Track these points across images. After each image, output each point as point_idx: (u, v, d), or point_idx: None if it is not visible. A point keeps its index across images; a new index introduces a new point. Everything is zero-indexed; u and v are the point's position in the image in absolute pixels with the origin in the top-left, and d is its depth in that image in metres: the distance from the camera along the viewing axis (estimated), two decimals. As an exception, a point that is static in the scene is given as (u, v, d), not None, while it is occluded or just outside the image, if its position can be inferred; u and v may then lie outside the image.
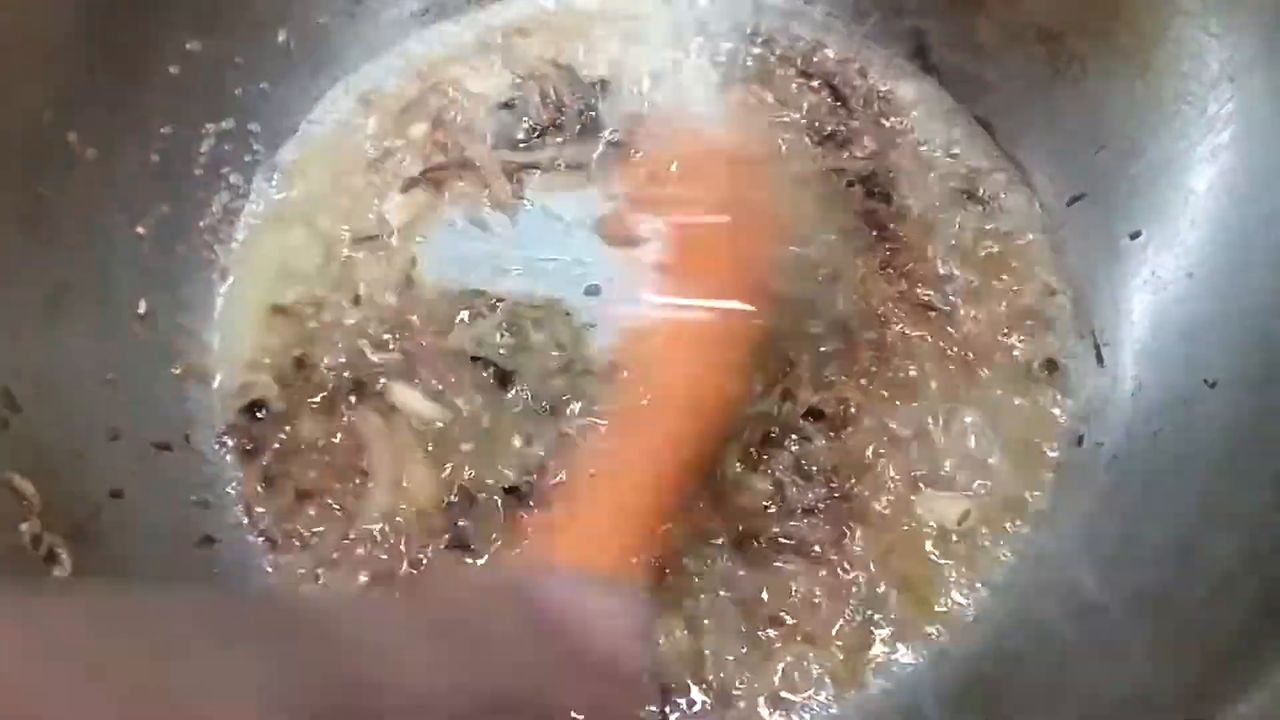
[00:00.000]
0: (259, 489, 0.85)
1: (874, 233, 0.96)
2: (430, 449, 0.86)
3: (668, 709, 0.79)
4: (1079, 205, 0.95)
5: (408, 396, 0.87)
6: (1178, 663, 0.66)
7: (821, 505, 0.84)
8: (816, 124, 1.01)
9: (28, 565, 0.68)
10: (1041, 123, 0.97)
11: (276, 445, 0.87)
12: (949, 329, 0.92)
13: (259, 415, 0.88)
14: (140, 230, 0.89)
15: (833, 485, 0.85)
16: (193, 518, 0.83)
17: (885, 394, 0.89)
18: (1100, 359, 0.91)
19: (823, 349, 0.90)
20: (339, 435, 0.87)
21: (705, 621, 0.81)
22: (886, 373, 0.90)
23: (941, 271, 0.94)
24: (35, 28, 0.79)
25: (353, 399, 0.88)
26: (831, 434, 0.87)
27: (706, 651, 0.80)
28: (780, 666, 0.80)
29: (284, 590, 0.82)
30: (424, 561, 0.83)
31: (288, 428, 0.87)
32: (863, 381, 0.89)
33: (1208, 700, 0.58)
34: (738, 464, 0.84)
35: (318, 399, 0.88)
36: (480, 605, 0.61)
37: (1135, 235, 0.90)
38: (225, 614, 0.46)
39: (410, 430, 0.87)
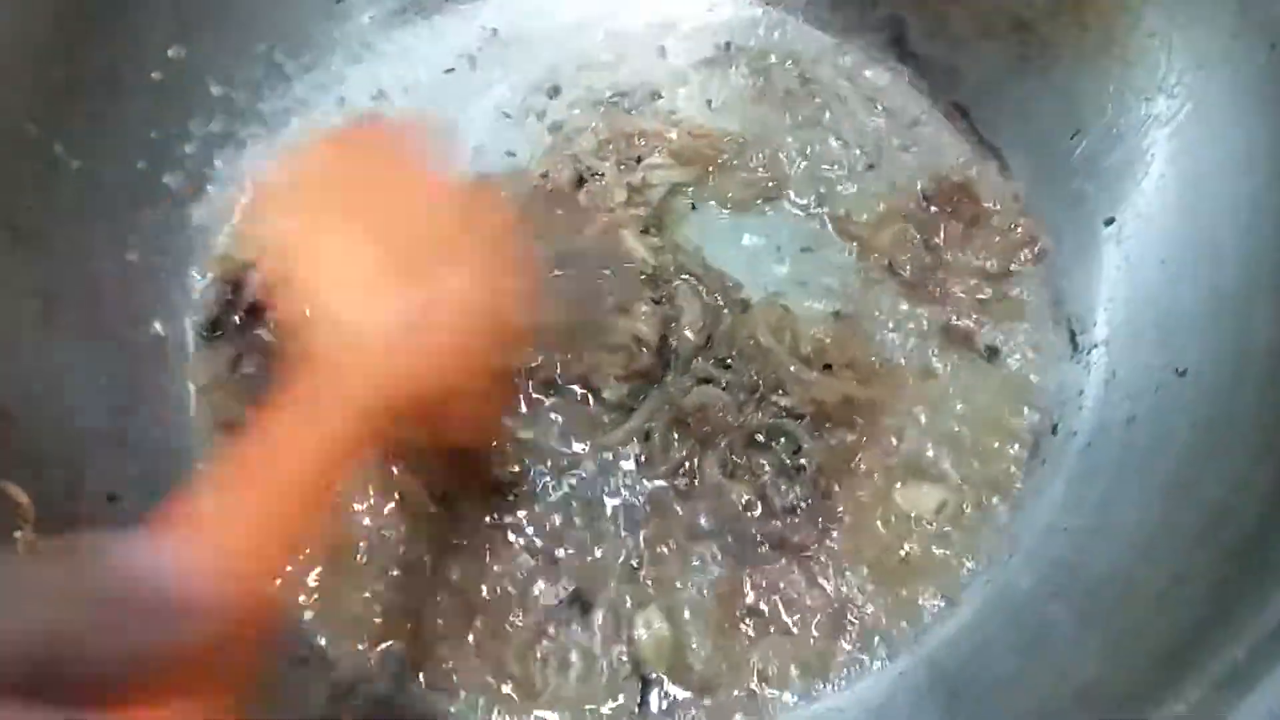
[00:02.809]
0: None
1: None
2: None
3: (646, 699, 0.81)
4: (1054, 191, 0.95)
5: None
6: (1131, 655, 0.68)
7: (803, 505, 0.85)
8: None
9: (22, 573, 0.70)
10: (1017, 110, 0.98)
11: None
12: (924, 318, 0.93)
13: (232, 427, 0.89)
14: (128, 237, 0.90)
15: (818, 484, 0.86)
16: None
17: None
18: (1075, 346, 0.92)
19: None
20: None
21: (684, 614, 0.83)
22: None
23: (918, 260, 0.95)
24: (14, 40, 0.81)
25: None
26: (815, 433, 0.88)
27: (685, 643, 0.82)
28: (757, 659, 0.82)
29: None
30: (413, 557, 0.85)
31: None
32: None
33: (1153, 694, 0.60)
34: (718, 470, 0.85)
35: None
36: None
37: (1109, 221, 0.91)
38: None
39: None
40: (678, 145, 1.00)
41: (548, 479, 0.87)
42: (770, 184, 0.99)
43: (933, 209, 0.98)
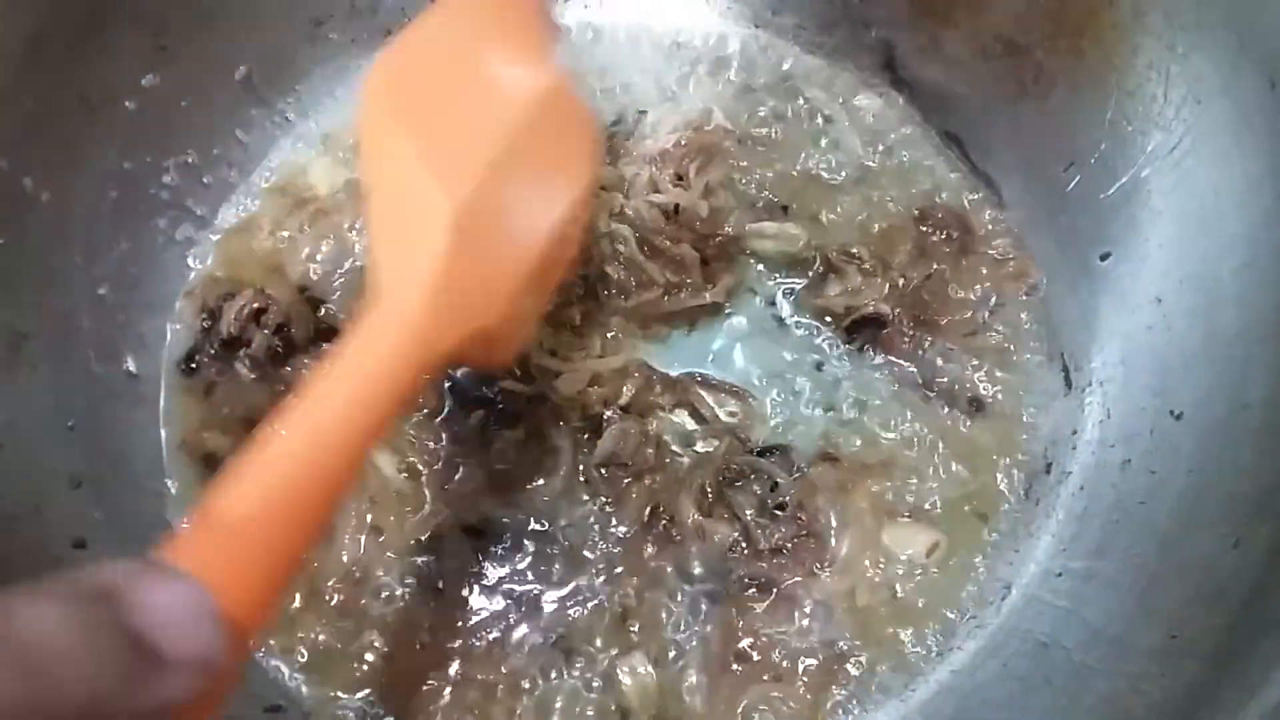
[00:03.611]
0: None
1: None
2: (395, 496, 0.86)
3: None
4: (1048, 223, 0.93)
5: (377, 454, 0.86)
6: (1127, 713, 0.66)
7: (789, 545, 0.83)
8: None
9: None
10: (1011, 139, 0.96)
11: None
12: (915, 351, 0.91)
13: (209, 466, 0.88)
14: (99, 271, 0.88)
15: (800, 521, 0.84)
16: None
17: (846, 423, 0.89)
18: (1069, 383, 0.90)
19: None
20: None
21: (671, 658, 0.81)
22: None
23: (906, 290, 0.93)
24: (-16, 71, 0.78)
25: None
26: (794, 471, 0.86)
27: (671, 689, 0.80)
28: (747, 705, 0.80)
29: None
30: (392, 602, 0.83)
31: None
32: (824, 415, 0.89)
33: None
34: (694, 512, 0.83)
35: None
36: None
37: (1105, 256, 0.89)
38: None
39: (380, 476, 0.86)
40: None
41: (522, 523, 0.85)
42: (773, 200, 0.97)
43: (925, 236, 0.96)
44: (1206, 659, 0.65)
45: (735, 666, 0.81)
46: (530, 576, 0.83)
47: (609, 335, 0.91)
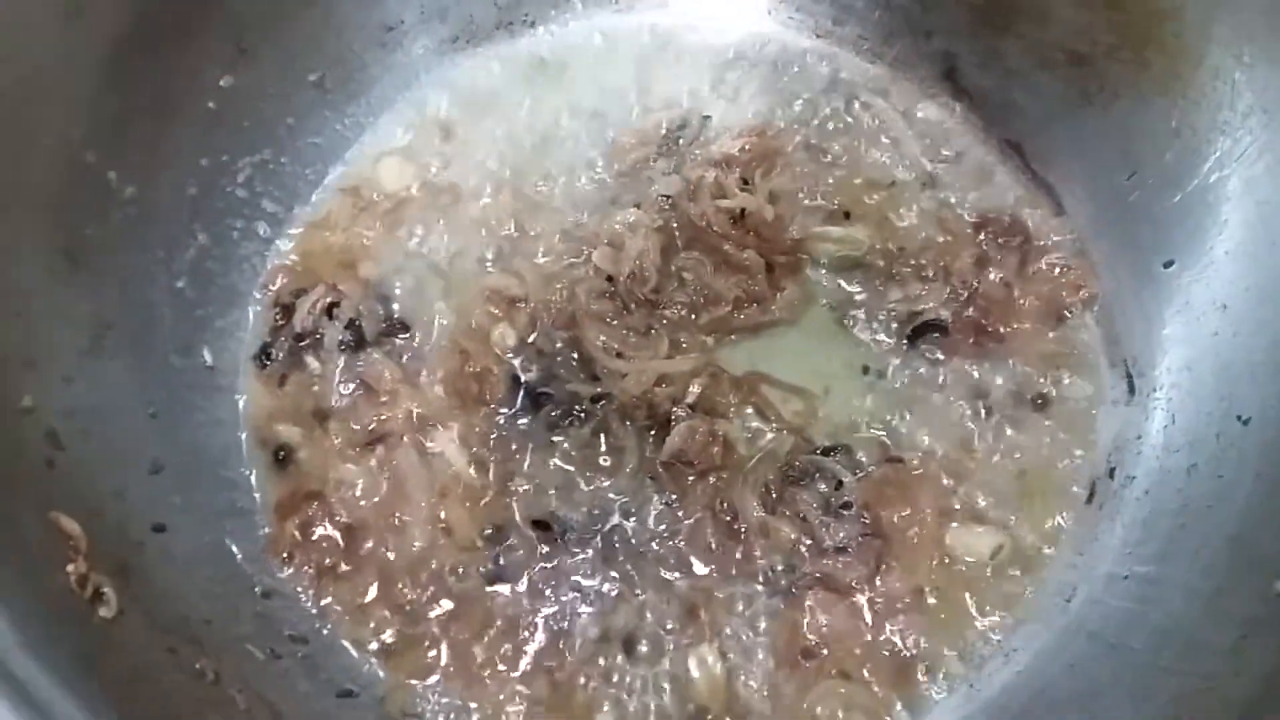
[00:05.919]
0: (295, 529, 0.86)
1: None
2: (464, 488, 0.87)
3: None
4: (1110, 231, 0.94)
5: (447, 447, 0.88)
6: (1201, 709, 0.66)
7: (854, 543, 0.84)
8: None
9: (74, 606, 0.69)
10: (1072, 149, 0.97)
11: (311, 483, 0.88)
12: (977, 357, 0.92)
13: (282, 457, 0.90)
14: (179, 265, 0.90)
15: (864, 521, 0.85)
16: (234, 549, 0.85)
17: (910, 426, 0.90)
18: (1132, 389, 0.90)
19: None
20: (376, 475, 0.88)
21: (739, 654, 0.82)
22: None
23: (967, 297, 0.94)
24: (71, 67, 0.80)
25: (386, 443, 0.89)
26: (858, 471, 0.87)
27: (739, 684, 0.81)
28: (812, 700, 0.81)
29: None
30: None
31: (322, 464, 0.89)
32: (887, 418, 0.90)
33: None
34: (758, 508, 0.84)
35: (348, 440, 0.90)
36: None
37: (1169, 264, 0.90)
38: None
39: (449, 469, 0.87)
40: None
41: (589, 518, 0.86)
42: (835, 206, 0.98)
43: (986, 244, 0.96)
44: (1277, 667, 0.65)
45: (802, 662, 0.82)
46: (597, 569, 0.84)
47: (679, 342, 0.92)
